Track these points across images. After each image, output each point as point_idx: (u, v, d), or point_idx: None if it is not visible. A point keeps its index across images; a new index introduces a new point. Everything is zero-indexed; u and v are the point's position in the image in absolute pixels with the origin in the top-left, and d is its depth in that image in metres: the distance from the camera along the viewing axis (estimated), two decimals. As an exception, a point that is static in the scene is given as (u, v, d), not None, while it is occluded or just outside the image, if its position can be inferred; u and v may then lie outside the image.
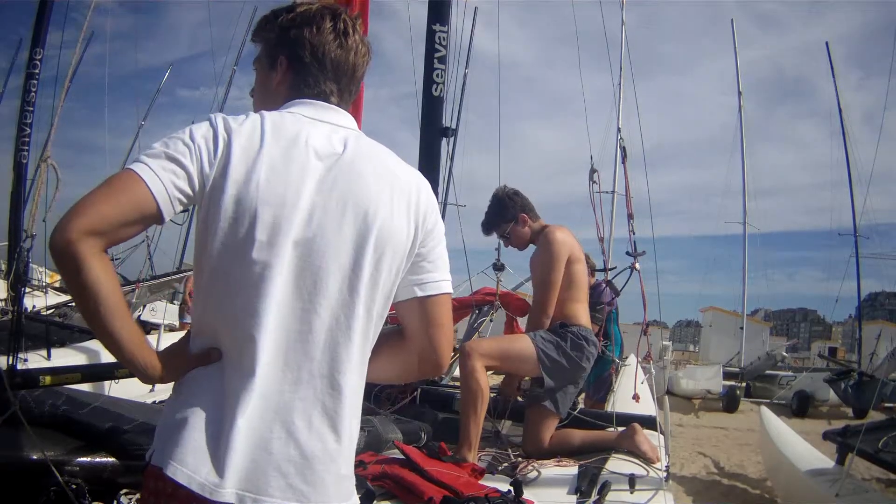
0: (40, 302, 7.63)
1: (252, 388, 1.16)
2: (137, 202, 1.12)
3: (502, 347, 3.21)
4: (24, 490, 1.90)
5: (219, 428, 1.14)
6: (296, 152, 1.22)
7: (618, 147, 3.81)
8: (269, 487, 1.13)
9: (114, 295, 1.11)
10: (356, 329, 1.23)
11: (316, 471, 1.17)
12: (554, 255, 3.20)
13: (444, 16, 3.62)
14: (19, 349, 3.17)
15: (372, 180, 1.27)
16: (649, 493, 2.34)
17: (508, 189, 3.46)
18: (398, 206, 1.29)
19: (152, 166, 1.14)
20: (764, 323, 27.39)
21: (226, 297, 1.19)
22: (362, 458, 2.38)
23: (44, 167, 2.92)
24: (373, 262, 1.24)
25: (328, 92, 1.36)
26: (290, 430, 1.16)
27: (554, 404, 3.08)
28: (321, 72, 1.35)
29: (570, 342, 3.10)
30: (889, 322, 27.45)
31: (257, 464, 1.13)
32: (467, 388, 2.92)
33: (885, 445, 4.92)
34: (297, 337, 1.19)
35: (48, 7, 5.91)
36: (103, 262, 1.10)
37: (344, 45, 1.36)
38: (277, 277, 1.17)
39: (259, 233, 1.16)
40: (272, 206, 1.17)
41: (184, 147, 1.17)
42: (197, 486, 1.11)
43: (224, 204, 1.16)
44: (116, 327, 1.12)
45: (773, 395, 16.46)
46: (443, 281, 1.36)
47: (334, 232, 1.21)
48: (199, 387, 1.20)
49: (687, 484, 6.99)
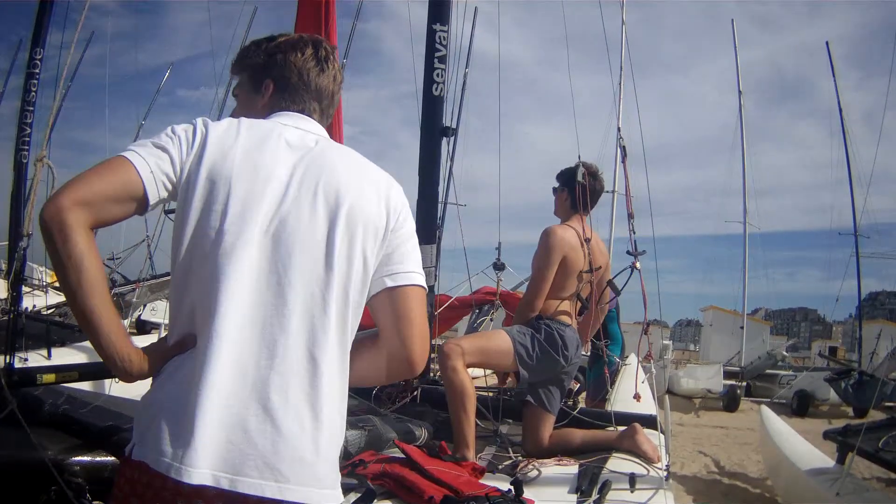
0: (41, 301, 7.63)
1: (227, 363, 1.15)
2: (125, 181, 1.19)
3: (480, 344, 3.21)
4: (25, 489, 1.90)
5: (192, 409, 1.12)
6: (269, 142, 1.30)
7: (618, 146, 3.79)
8: (246, 467, 1.12)
9: (96, 271, 1.14)
10: (332, 305, 1.23)
11: (294, 449, 1.15)
12: (548, 249, 3.20)
13: (444, 16, 3.62)
14: (19, 348, 3.17)
15: (342, 168, 1.34)
16: (650, 493, 2.34)
17: (591, 167, 3.44)
18: (368, 190, 1.34)
19: (139, 152, 1.22)
20: (764, 322, 27.33)
21: (200, 270, 1.21)
22: (363, 457, 2.38)
23: (39, 167, 2.91)
24: (346, 238, 1.27)
25: (311, 109, 1.45)
26: (267, 406, 1.15)
27: (536, 399, 3.08)
28: (307, 92, 1.45)
29: (543, 333, 3.10)
30: (889, 321, 27.42)
31: (234, 443, 1.13)
32: (451, 387, 2.92)
33: (886, 445, 4.92)
34: (273, 311, 1.20)
35: (48, 7, 5.91)
36: (89, 237, 1.14)
37: (325, 70, 1.47)
38: (250, 248, 1.20)
39: (232, 206, 1.21)
40: (245, 183, 1.23)
41: (167, 137, 1.26)
42: (169, 468, 1.10)
43: (200, 180, 1.22)
44: (96, 305, 1.13)
45: (774, 394, 16.46)
46: (414, 273, 1.36)
47: (307, 209, 1.26)
48: (172, 372, 1.21)
49: (687, 483, 6.99)
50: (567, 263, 3.22)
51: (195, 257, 1.21)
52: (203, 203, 1.22)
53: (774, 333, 30.83)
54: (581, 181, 3.35)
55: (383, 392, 3.35)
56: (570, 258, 3.22)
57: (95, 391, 3.20)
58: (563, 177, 3.44)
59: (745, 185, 23.12)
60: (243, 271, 1.19)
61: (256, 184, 1.24)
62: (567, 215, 3.40)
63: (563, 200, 3.42)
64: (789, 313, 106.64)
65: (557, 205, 3.46)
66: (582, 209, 3.37)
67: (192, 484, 1.09)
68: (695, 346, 41.12)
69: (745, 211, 23.13)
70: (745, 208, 23.12)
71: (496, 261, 6.36)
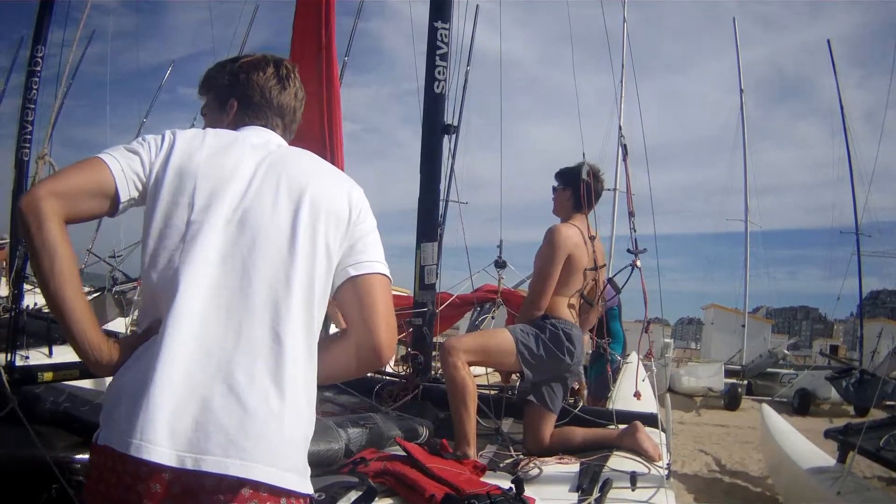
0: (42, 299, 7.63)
1: (189, 343, 1.18)
2: (98, 178, 1.26)
3: (482, 342, 3.21)
4: (26, 487, 1.90)
5: (152, 387, 1.14)
6: (234, 145, 1.39)
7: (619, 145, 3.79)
8: (210, 444, 1.13)
9: (69, 261, 1.20)
10: (296, 288, 1.26)
11: (260, 427, 1.16)
12: (555, 247, 3.20)
13: (445, 13, 3.61)
14: (20, 346, 3.17)
15: (303, 164, 1.43)
16: (651, 491, 2.34)
17: (593, 167, 3.44)
18: (330, 182, 1.42)
19: (112, 153, 1.31)
20: (765, 321, 27.30)
21: (165, 260, 1.25)
22: (364, 454, 2.38)
23: (41, 164, 2.92)
24: (309, 225, 1.31)
25: (274, 125, 1.54)
26: (232, 384, 1.17)
27: (539, 398, 3.08)
28: (269, 109, 1.53)
29: (548, 333, 3.10)
30: (890, 320, 27.40)
31: (198, 423, 1.14)
32: (452, 385, 2.93)
33: (887, 444, 4.92)
34: (238, 293, 1.23)
35: (49, 6, 5.91)
36: (62, 228, 1.21)
37: (286, 87, 1.55)
38: (214, 235, 1.25)
39: (198, 199, 1.28)
40: (211, 179, 1.30)
41: (138, 144, 1.34)
42: (129, 446, 1.11)
43: (167, 177, 1.29)
44: (69, 295, 1.19)
45: (775, 392, 16.46)
46: (376, 262, 1.40)
47: (270, 201, 1.32)
48: (137, 357, 1.23)
49: (688, 482, 6.99)
50: (572, 261, 3.22)
51: (162, 248, 1.26)
52: (170, 197, 1.28)
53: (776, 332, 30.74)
54: (586, 179, 3.35)
55: (384, 390, 3.35)
56: (575, 256, 3.22)
57: (96, 389, 3.20)
58: (566, 176, 3.44)
59: (746, 183, 23.08)
60: (207, 255, 1.24)
61: (221, 179, 1.31)
62: (568, 214, 3.40)
63: (564, 199, 3.41)
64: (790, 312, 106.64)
65: (557, 204, 3.45)
66: (586, 207, 3.37)
67: (153, 462, 1.10)
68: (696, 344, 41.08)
69: (746, 209, 23.09)
70: (747, 206, 23.08)
71: (497, 259, 6.37)
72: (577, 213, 3.38)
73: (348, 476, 2.14)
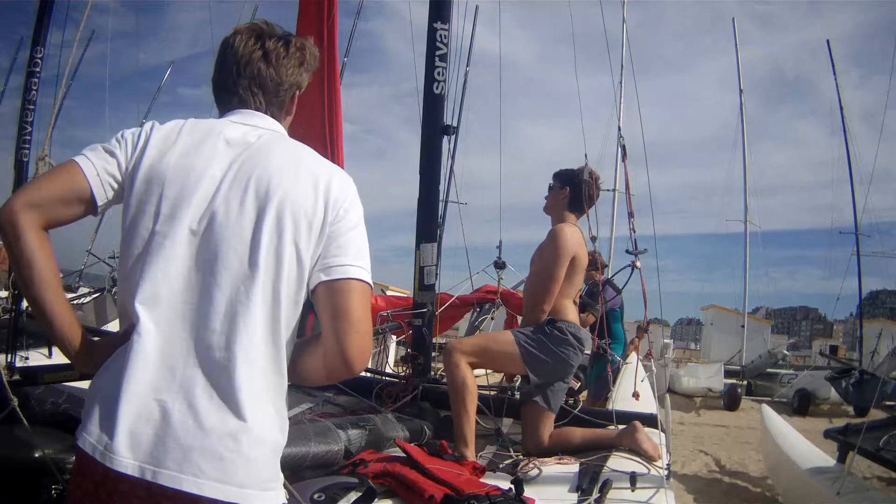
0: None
1: (153, 359, 1.19)
2: (72, 184, 1.27)
3: (484, 345, 3.22)
4: (25, 488, 1.90)
5: (117, 399, 1.17)
6: (208, 141, 1.33)
7: (618, 145, 3.80)
8: (167, 460, 1.14)
9: (47, 269, 1.23)
10: (257, 302, 1.24)
11: (215, 446, 1.16)
12: (561, 249, 3.20)
13: (445, 14, 3.61)
14: (20, 347, 3.17)
15: (277, 158, 1.34)
16: (650, 492, 2.34)
17: (589, 169, 3.46)
18: (304, 181, 1.33)
19: (88, 155, 1.31)
20: (765, 321, 27.29)
21: (133, 269, 1.26)
22: (363, 455, 2.38)
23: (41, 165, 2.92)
24: (273, 234, 1.27)
25: (257, 103, 1.45)
26: (191, 401, 1.17)
27: (544, 400, 3.08)
28: (246, 80, 1.44)
29: (553, 338, 3.10)
30: (890, 320, 27.37)
31: (158, 436, 1.15)
32: (453, 386, 2.95)
33: (886, 444, 4.92)
34: (199, 310, 1.23)
35: (49, 6, 5.90)
36: (40, 237, 1.23)
37: (270, 57, 1.44)
38: (177, 248, 1.24)
39: (163, 207, 1.26)
40: (177, 185, 1.28)
41: (115, 142, 1.34)
42: (94, 451, 1.15)
43: (136, 184, 1.28)
44: (48, 300, 1.23)
45: (775, 393, 16.45)
46: (350, 266, 1.31)
47: (236, 208, 1.28)
48: (111, 362, 1.25)
49: (688, 482, 6.98)
50: (576, 262, 3.23)
51: (129, 257, 1.27)
52: (137, 203, 1.28)
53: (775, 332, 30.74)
54: (588, 180, 3.36)
55: (384, 391, 3.35)
56: (578, 256, 3.24)
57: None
58: (564, 176, 3.44)
59: (745, 183, 23.11)
60: (169, 271, 1.23)
61: (187, 185, 1.28)
62: (560, 214, 3.40)
63: (560, 199, 3.41)
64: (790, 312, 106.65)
65: (551, 201, 3.45)
66: (587, 207, 3.38)
67: (115, 470, 1.13)
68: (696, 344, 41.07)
69: (745, 209, 23.12)
70: (746, 207, 23.11)
71: (497, 259, 6.37)
72: (569, 213, 3.38)
73: (348, 477, 2.15)
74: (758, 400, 14.57)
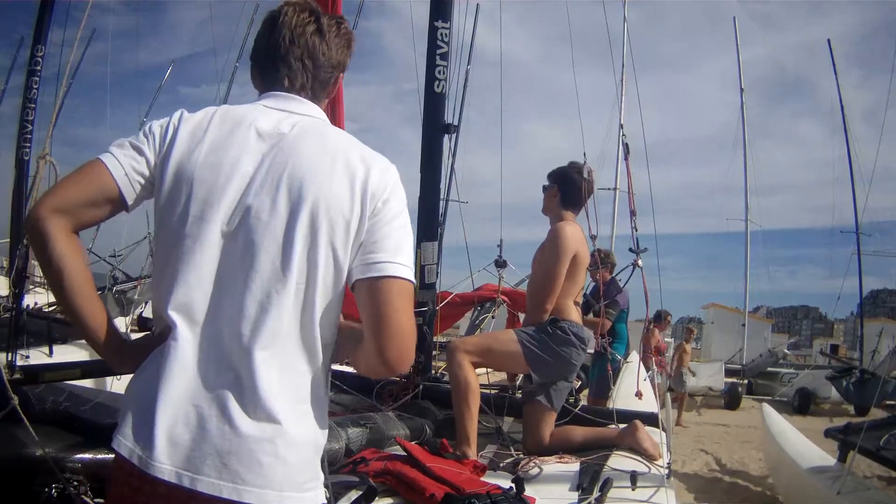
0: (42, 299, 7.63)
1: (188, 366, 1.18)
2: (100, 186, 1.24)
3: (487, 344, 3.21)
4: (26, 487, 1.90)
5: (160, 405, 1.16)
6: (238, 133, 1.28)
7: (620, 144, 3.79)
8: (205, 466, 1.13)
9: (78, 273, 1.20)
10: (288, 307, 1.20)
11: (252, 452, 1.15)
12: (562, 248, 3.19)
13: (446, 12, 3.60)
14: (20, 346, 3.17)
15: (312, 152, 1.28)
16: (651, 490, 2.34)
17: (580, 167, 3.44)
18: (339, 177, 1.26)
19: (115, 153, 1.26)
20: (766, 320, 27.35)
21: (164, 272, 1.24)
22: (364, 454, 2.38)
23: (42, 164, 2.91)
24: (307, 235, 1.22)
25: (293, 83, 1.38)
26: (227, 407, 1.16)
27: (547, 399, 3.08)
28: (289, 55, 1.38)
29: (556, 338, 3.09)
30: (891, 319, 27.46)
31: (196, 442, 1.14)
32: (456, 385, 2.95)
33: (887, 443, 4.91)
34: (230, 312, 1.20)
35: (50, 5, 5.90)
36: (69, 240, 1.20)
37: (318, 31, 1.39)
38: (208, 251, 1.21)
39: (192, 208, 1.22)
40: (206, 184, 1.23)
41: (143, 137, 1.29)
42: (137, 459, 1.14)
43: (165, 183, 1.25)
44: (79, 304, 1.21)
45: (775, 392, 16.46)
46: (388, 263, 1.24)
47: (268, 208, 1.23)
48: (146, 365, 1.24)
49: (688, 481, 6.98)
50: (577, 260, 3.22)
51: (162, 258, 1.25)
52: (167, 204, 1.25)
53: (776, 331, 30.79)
54: (575, 175, 3.36)
55: (384, 389, 3.35)
56: (580, 254, 3.23)
57: (97, 388, 3.20)
58: (553, 174, 3.44)
59: (746, 182, 23.14)
60: (201, 276, 1.21)
61: (217, 183, 1.24)
62: (556, 212, 3.39)
63: (551, 196, 3.41)
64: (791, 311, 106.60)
65: (546, 202, 3.45)
66: (583, 201, 3.37)
67: (152, 475, 1.13)
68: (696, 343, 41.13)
69: (746, 208, 23.15)
70: (747, 206, 23.13)
71: (498, 258, 6.36)
72: (565, 210, 3.37)
73: (349, 476, 2.15)
74: (758, 399, 14.58)
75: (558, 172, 3.43)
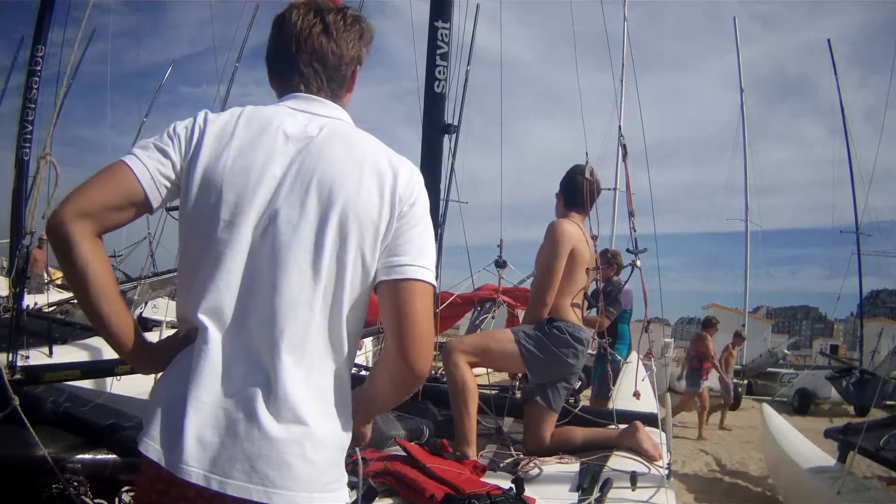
0: (42, 299, 7.63)
1: (217, 369, 1.18)
2: (125, 189, 1.21)
3: (484, 344, 3.21)
4: (27, 487, 1.90)
5: (189, 408, 1.16)
6: (265, 136, 1.27)
7: (619, 144, 3.80)
8: (234, 470, 1.13)
9: (102, 277, 1.19)
10: (317, 310, 1.21)
11: (281, 454, 1.15)
12: (557, 243, 3.19)
13: (446, 12, 3.61)
14: (21, 346, 3.17)
15: (340, 156, 1.28)
16: (651, 491, 2.34)
17: (582, 168, 3.44)
18: (368, 181, 1.26)
19: (139, 156, 1.24)
20: (766, 320, 27.30)
21: (195, 277, 1.23)
22: (364, 454, 2.38)
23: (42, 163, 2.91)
24: (336, 240, 1.22)
25: (313, 81, 1.37)
26: (255, 410, 1.16)
27: (545, 399, 3.07)
28: (306, 55, 1.37)
29: (553, 338, 3.08)
30: (891, 320, 27.43)
31: (225, 446, 1.14)
32: (453, 385, 2.94)
33: (887, 443, 4.91)
34: (260, 316, 1.20)
35: (50, 5, 5.90)
36: (93, 245, 1.18)
37: (329, 31, 1.37)
38: (239, 256, 1.21)
39: (223, 213, 1.22)
40: (236, 188, 1.22)
41: (168, 138, 1.27)
42: (166, 462, 1.14)
43: (192, 187, 1.23)
44: (104, 309, 1.20)
45: (775, 392, 16.45)
46: (412, 266, 1.25)
47: (297, 211, 1.23)
48: (175, 367, 1.24)
49: (688, 481, 6.98)
50: (575, 256, 3.20)
51: (191, 262, 1.25)
52: (195, 209, 1.24)
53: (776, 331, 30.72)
54: (580, 177, 3.36)
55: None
56: (578, 250, 3.21)
57: (97, 389, 3.20)
58: (561, 180, 3.45)
59: (746, 182, 23.16)
60: (231, 280, 1.21)
61: (247, 187, 1.23)
62: (562, 214, 3.39)
63: (558, 201, 3.43)
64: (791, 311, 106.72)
65: (556, 207, 3.46)
66: (587, 203, 3.37)
67: (181, 478, 1.13)
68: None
69: (746, 209, 23.16)
70: (747, 206, 23.15)
71: (498, 258, 6.36)
72: (569, 212, 3.37)
73: (348, 476, 2.14)
74: (758, 399, 14.56)
75: (563, 177, 3.44)
